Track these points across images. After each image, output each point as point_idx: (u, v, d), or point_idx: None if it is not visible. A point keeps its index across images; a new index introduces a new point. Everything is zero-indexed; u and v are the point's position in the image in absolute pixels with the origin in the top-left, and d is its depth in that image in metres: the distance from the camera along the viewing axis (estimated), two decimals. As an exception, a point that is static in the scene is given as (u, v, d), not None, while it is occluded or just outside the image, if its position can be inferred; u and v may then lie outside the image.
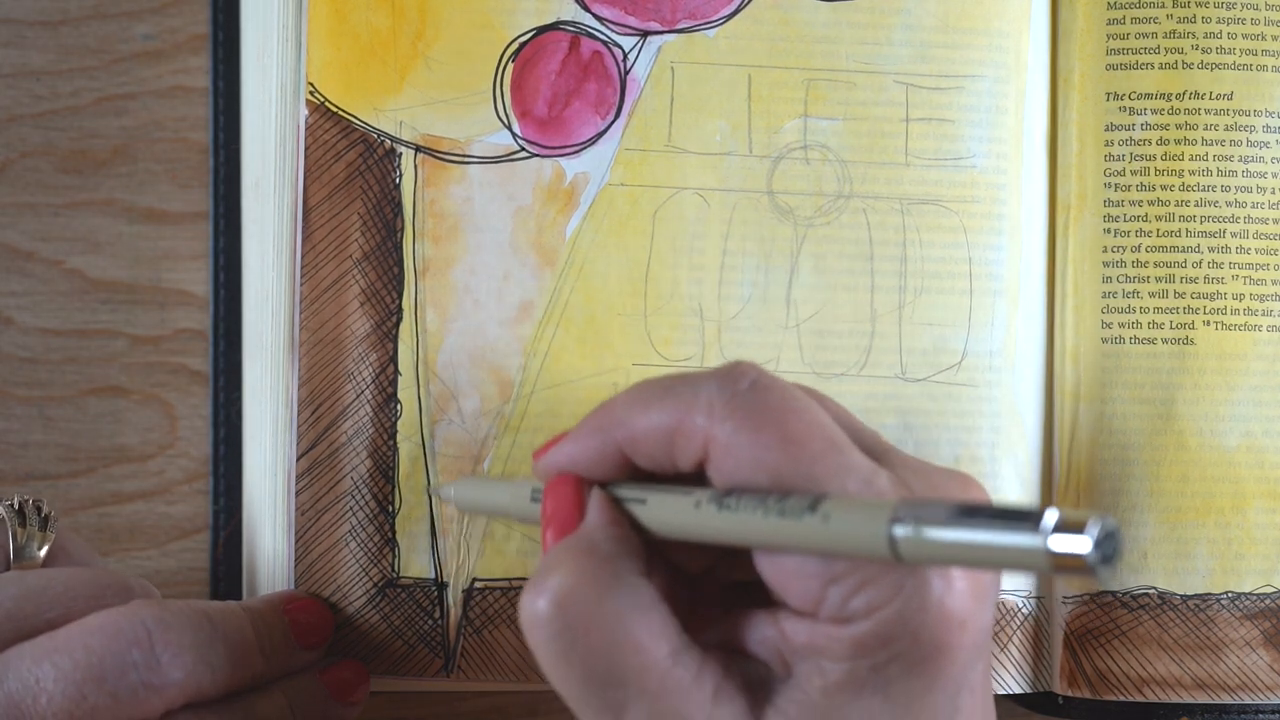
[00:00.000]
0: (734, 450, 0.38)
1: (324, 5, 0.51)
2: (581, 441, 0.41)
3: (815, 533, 0.36)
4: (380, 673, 0.51)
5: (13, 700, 0.40)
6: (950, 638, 0.37)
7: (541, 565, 0.40)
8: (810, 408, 0.39)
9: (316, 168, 0.51)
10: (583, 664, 0.38)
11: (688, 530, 0.40)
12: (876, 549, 0.35)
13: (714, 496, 0.38)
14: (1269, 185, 0.53)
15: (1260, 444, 0.53)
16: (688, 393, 0.39)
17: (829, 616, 0.37)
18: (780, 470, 0.38)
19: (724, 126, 0.52)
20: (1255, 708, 0.53)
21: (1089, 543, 0.31)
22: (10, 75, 0.55)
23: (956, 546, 0.33)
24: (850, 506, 0.36)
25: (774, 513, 0.37)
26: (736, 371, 0.39)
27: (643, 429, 0.40)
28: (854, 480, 0.37)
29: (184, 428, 0.55)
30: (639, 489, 0.41)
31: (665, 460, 0.40)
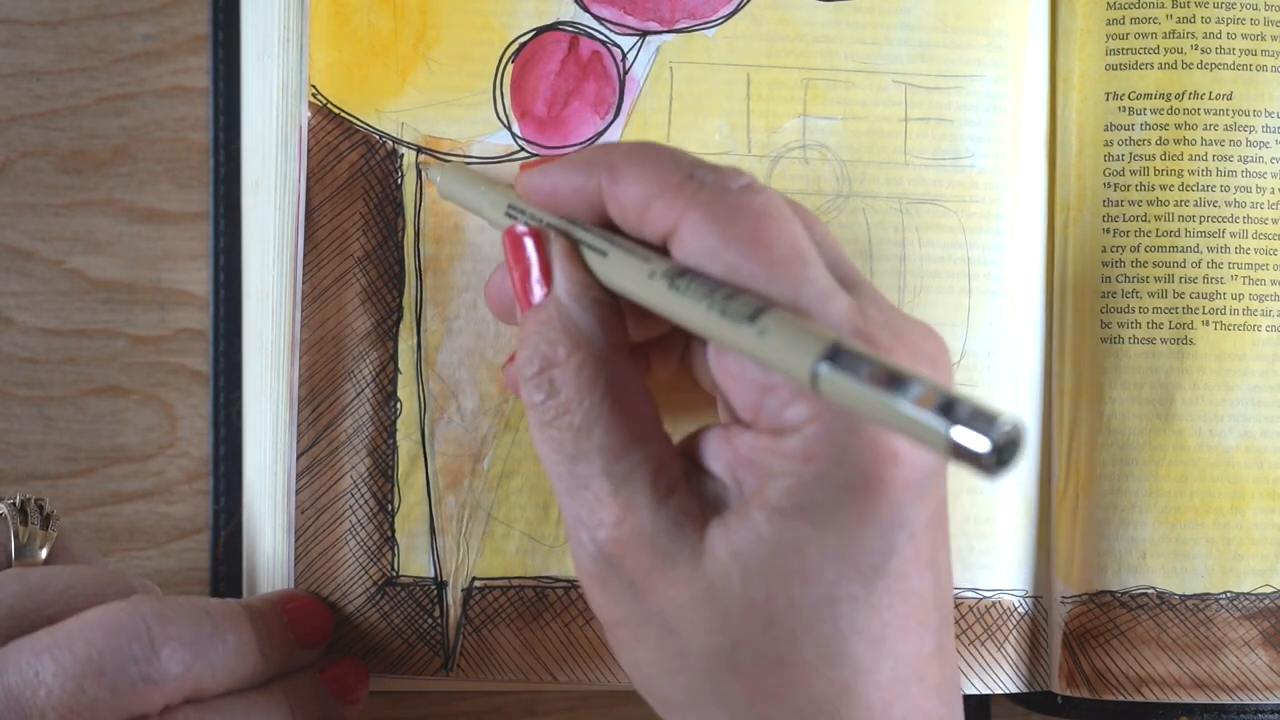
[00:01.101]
0: (701, 235, 0.38)
1: (325, 6, 0.51)
2: (568, 172, 0.42)
3: (749, 342, 0.36)
4: (379, 672, 0.51)
5: (12, 694, 0.40)
6: (881, 469, 0.37)
7: (522, 336, 0.41)
8: (787, 218, 0.39)
9: (319, 169, 0.51)
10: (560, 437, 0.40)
11: (637, 296, 0.40)
12: (800, 377, 0.35)
13: (668, 272, 0.39)
14: (1268, 185, 0.53)
15: (1259, 444, 0.53)
16: (683, 168, 0.40)
17: (766, 426, 0.38)
18: (738, 267, 0.38)
19: (723, 126, 0.52)
20: (1254, 708, 0.53)
21: (987, 444, 0.31)
22: (10, 75, 0.55)
23: (870, 402, 0.34)
24: (787, 327, 0.36)
25: (716, 310, 0.37)
26: (736, 171, 0.40)
27: (628, 183, 0.40)
28: (809, 294, 0.38)
29: (184, 428, 0.55)
30: (602, 238, 0.41)
31: (634, 221, 0.40)
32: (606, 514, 0.39)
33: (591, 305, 0.41)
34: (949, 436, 0.32)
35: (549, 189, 0.42)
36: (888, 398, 0.33)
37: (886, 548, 0.38)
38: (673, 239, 0.39)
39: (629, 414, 0.40)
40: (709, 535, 0.39)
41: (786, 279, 0.38)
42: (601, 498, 0.39)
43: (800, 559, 0.38)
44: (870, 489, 0.37)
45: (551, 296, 0.41)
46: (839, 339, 0.35)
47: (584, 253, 0.41)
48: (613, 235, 0.41)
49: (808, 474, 0.37)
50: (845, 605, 0.38)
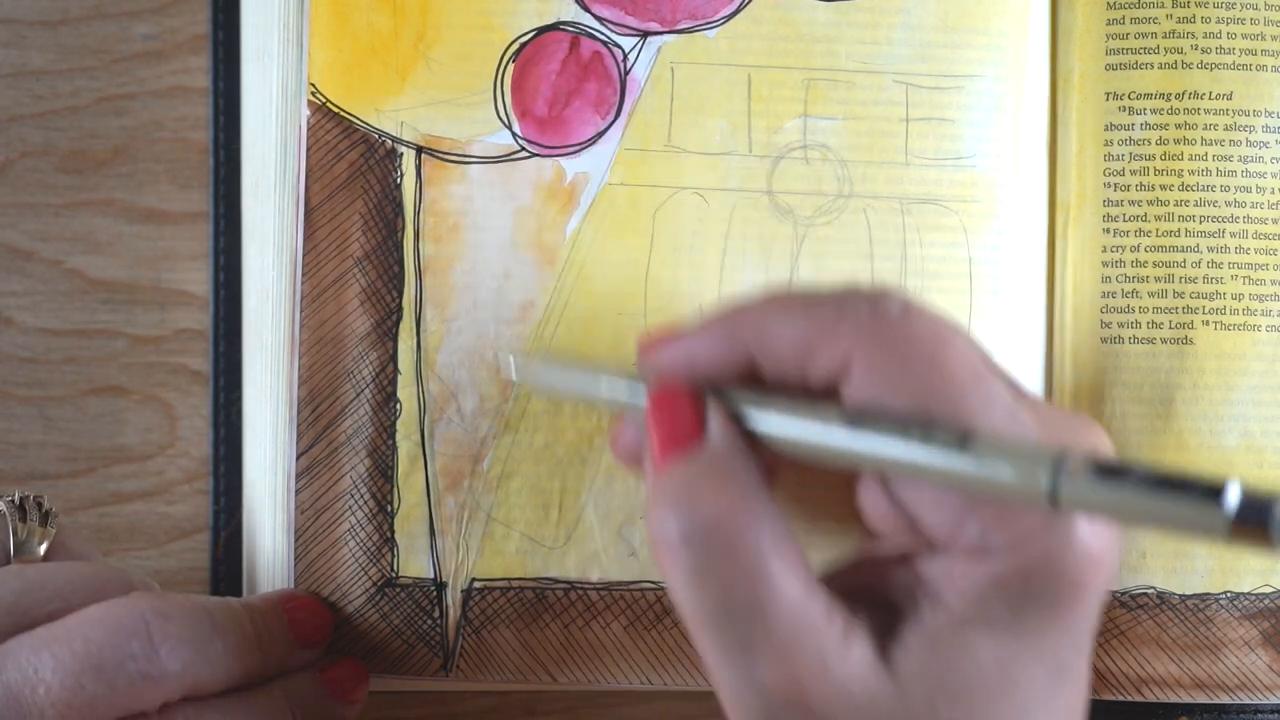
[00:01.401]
0: (880, 371, 0.37)
1: (325, 6, 0.51)
2: (707, 339, 0.40)
3: (964, 470, 0.35)
4: (379, 672, 0.51)
5: (11, 691, 0.40)
6: (1088, 576, 0.37)
7: (672, 485, 0.39)
8: (959, 339, 0.38)
9: (318, 168, 0.51)
10: (714, 595, 0.37)
11: (812, 449, 0.38)
12: (1034, 496, 0.34)
13: (848, 416, 0.37)
14: (1268, 185, 0.53)
15: (1259, 444, 0.53)
16: (833, 306, 0.38)
17: (965, 549, 0.37)
18: (924, 397, 0.37)
19: (724, 126, 0.52)
20: (1254, 708, 0.53)
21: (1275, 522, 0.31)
22: (10, 75, 0.55)
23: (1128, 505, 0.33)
24: (1005, 448, 0.35)
25: (917, 441, 0.36)
26: (888, 295, 0.39)
27: (781, 336, 0.39)
28: (999, 414, 0.37)
29: (184, 428, 0.55)
30: (760, 398, 0.40)
31: (795, 372, 0.39)
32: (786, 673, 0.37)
33: (746, 460, 0.39)
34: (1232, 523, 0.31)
35: (686, 361, 0.41)
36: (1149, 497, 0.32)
37: (1079, 646, 0.38)
38: (844, 382, 0.38)
39: (787, 566, 0.38)
40: (897, 665, 0.37)
41: (974, 403, 0.37)
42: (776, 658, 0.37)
43: (1001, 671, 0.37)
44: (1076, 596, 0.37)
45: (705, 449, 0.39)
46: (1066, 449, 0.34)
47: (742, 411, 0.40)
48: (763, 393, 0.40)
49: (1016, 590, 0.37)
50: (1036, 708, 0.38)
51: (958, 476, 0.36)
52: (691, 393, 0.40)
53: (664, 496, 0.39)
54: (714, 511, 0.38)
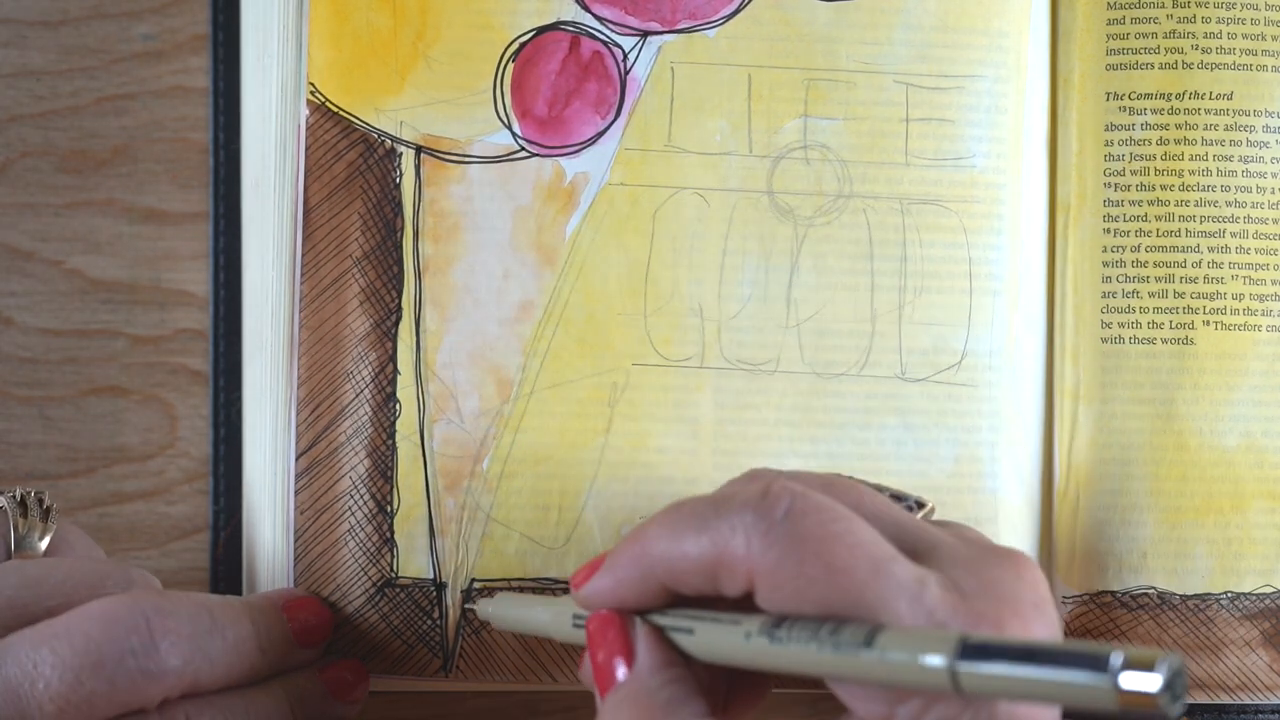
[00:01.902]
0: (779, 582, 0.38)
1: (325, 5, 0.51)
2: (620, 574, 0.41)
3: (873, 667, 0.36)
4: (379, 672, 0.51)
5: (11, 686, 0.40)
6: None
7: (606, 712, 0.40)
8: (850, 526, 0.38)
9: (317, 167, 0.51)
10: None
11: (738, 660, 0.39)
12: (939, 684, 0.34)
13: (764, 628, 0.38)
14: (1269, 185, 0.53)
15: (1260, 444, 0.53)
16: (725, 525, 0.39)
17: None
18: (829, 600, 0.37)
19: (724, 126, 0.52)
20: (1255, 708, 0.53)
21: (1159, 681, 0.31)
22: (10, 75, 0.55)
23: (1020, 683, 0.33)
24: (907, 641, 0.35)
25: (828, 646, 0.36)
26: (770, 498, 0.39)
27: (682, 563, 0.40)
28: (903, 600, 0.37)
29: (184, 428, 0.55)
30: (685, 617, 0.41)
31: (709, 589, 0.40)
32: None
33: (671, 681, 0.40)
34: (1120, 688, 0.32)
35: (610, 592, 0.42)
36: (1038, 672, 0.33)
37: None
38: (755, 595, 0.39)
39: None
40: None
41: (875, 595, 0.37)
42: None
43: None
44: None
45: (633, 674, 0.41)
46: (963, 635, 0.35)
47: (670, 635, 0.41)
48: (691, 610, 0.41)
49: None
50: None
51: (869, 675, 0.36)
52: (619, 623, 0.42)
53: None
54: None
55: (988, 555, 0.40)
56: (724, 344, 0.52)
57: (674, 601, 0.41)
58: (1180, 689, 0.32)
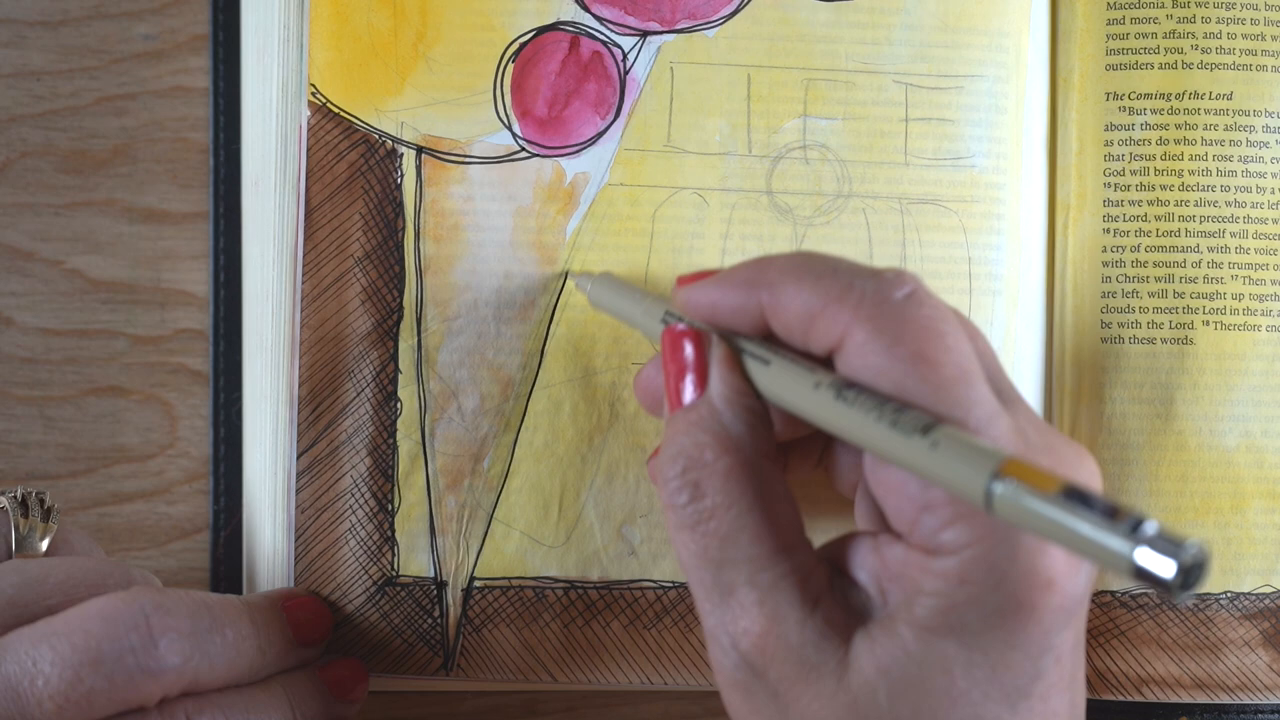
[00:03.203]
0: (870, 350, 0.38)
1: (325, 6, 0.51)
2: (728, 290, 0.42)
3: (920, 456, 0.36)
4: (379, 671, 0.51)
5: (10, 683, 0.40)
6: (1034, 597, 0.37)
7: (671, 436, 0.41)
8: (955, 334, 0.39)
9: (318, 168, 0.51)
10: (704, 542, 0.39)
11: (800, 407, 0.40)
12: (972, 494, 0.35)
13: (835, 384, 0.39)
14: (1269, 185, 0.53)
15: (1259, 444, 0.53)
16: (843, 281, 0.39)
17: (920, 544, 0.38)
18: (906, 384, 0.38)
19: (723, 126, 0.52)
20: (1254, 708, 0.53)
21: (1173, 567, 0.31)
22: (10, 75, 0.55)
23: (1048, 522, 0.33)
24: (960, 444, 0.36)
25: (886, 421, 0.37)
26: (897, 278, 0.39)
27: (789, 300, 0.40)
28: (976, 414, 0.37)
29: (184, 428, 0.55)
30: (766, 348, 0.41)
31: (799, 336, 0.40)
32: (752, 623, 0.39)
33: (744, 412, 0.40)
34: (1133, 560, 0.32)
35: (709, 305, 0.42)
36: (1068, 517, 0.33)
37: (1034, 672, 0.38)
38: (838, 354, 0.39)
39: (776, 522, 0.39)
40: (854, 648, 0.38)
41: (953, 398, 0.37)
42: (747, 606, 0.39)
43: (947, 679, 0.38)
44: (1023, 615, 0.37)
45: (705, 398, 0.41)
46: (1014, 456, 0.35)
47: (745, 361, 0.41)
48: (775, 346, 0.41)
49: (960, 596, 0.37)
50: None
51: (914, 461, 0.36)
52: (700, 339, 0.42)
53: (666, 444, 0.41)
54: (705, 463, 0.40)
55: (1057, 434, 0.40)
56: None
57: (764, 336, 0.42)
58: (1195, 579, 0.31)
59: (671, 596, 0.52)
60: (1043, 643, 0.38)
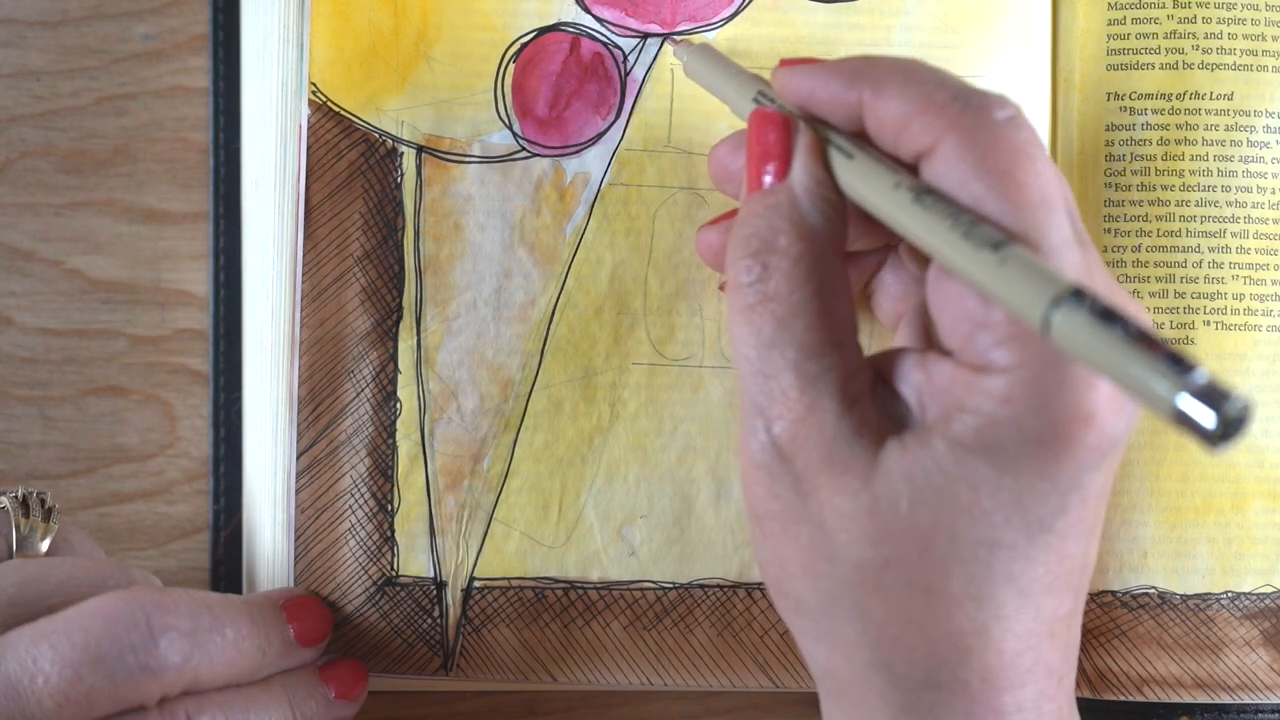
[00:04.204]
0: (958, 159, 0.39)
1: (326, 5, 0.51)
2: (830, 79, 0.42)
3: (986, 269, 0.36)
4: (379, 671, 0.51)
5: (10, 681, 0.40)
6: (1074, 429, 0.37)
7: (745, 214, 0.41)
8: (1045, 163, 0.39)
9: (318, 167, 0.51)
10: (760, 323, 0.40)
11: (877, 205, 0.40)
12: (1031, 317, 0.35)
13: (915, 187, 0.39)
14: (1269, 185, 0.53)
15: (1260, 444, 0.53)
16: (949, 91, 0.40)
17: (970, 360, 0.38)
18: (986, 200, 0.38)
19: (723, 127, 0.52)
20: (1255, 707, 0.53)
21: (1214, 418, 0.31)
22: (10, 75, 0.55)
23: (1100, 352, 0.33)
24: (1030, 263, 0.36)
25: (960, 232, 0.37)
26: (1003, 101, 0.40)
27: (889, 98, 0.40)
28: (1050, 240, 0.38)
29: (184, 428, 0.55)
30: (851, 143, 0.41)
31: (890, 136, 0.40)
32: (790, 408, 0.39)
33: (822, 203, 0.41)
34: (1174, 404, 0.32)
35: (807, 91, 0.42)
36: (1123, 350, 0.33)
37: (1058, 505, 0.38)
38: (927, 160, 0.40)
39: (832, 316, 0.40)
40: (885, 452, 0.39)
41: (1032, 221, 0.38)
42: (788, 390, 0.39)
43: (973, 496, 0.38)
44: (1059, 446, 0.37)
45: (786, 183, 0.41)
46: (1080, 285, 0.35)
47: (829, 152, 0.41)
48: (862, 142, 0.41)
49: (1002, 415, 0.37)
50: (1004, 551, 0.38)
51: (979, 274, 0.37)
52: (789, 125, 0.42)
53: (740, 224, 0.41)
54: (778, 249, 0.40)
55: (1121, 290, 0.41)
56: (724, 343, 0.52)
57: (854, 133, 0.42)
58: (1235, 432, 0.32)
59: (671, 597, 0.52)
60: (1073, 478, 0.38)
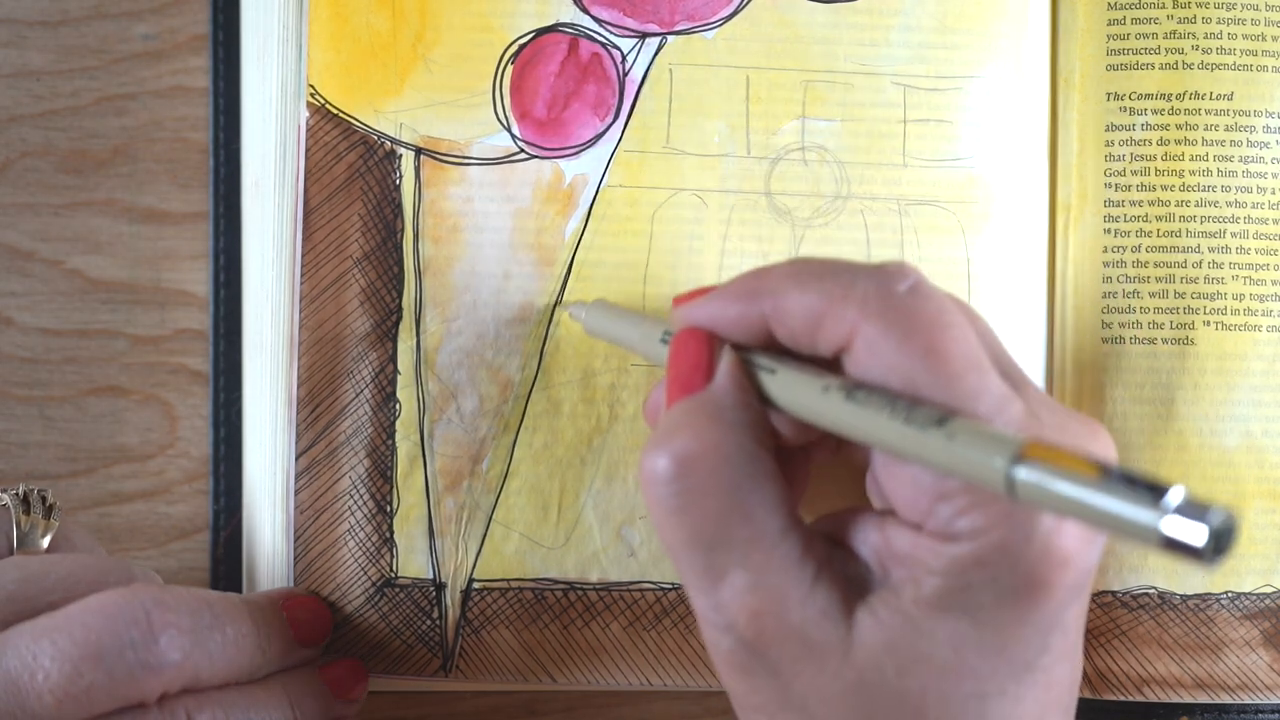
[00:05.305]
0: (878, 348, 0.38)
1: (324, 7, 0.51)
2: (728, 301, 0.42)
3: (937, 448, 0.36)
4: (378, 672, 0.52)
5: (10, 678, 0.40)
6: (1050, 575, 0.37)
7: (666, 421, 0.40)
8: (960, 324, 0.39)
9: (317, 169, 0.51)
10: (694, 526, 0.39)
11: (810, 412, 0.40)
12: (993, 482, 0.35)
13: (844, 386, 0.39)
14: (1269, 185, 0.53)
15: (1260, 444, 0.53)
16: (845, 280, 0.39)
17: (934, 531, 0.38)
18: (917, 379, 0.38)
19: (722, 128, 0.52)
20: (1255, 708, 0.53)
21: (1205, 533, 0.31)
22: (10, 75, 0.55)
23: (1072, 501, 0.33)
24: (977, 433, 0.36)
25: (900, 418, 0.37)
26: (899, 272, 0.40)
27: (791, 305, 0.40)
28: (987, 403, 0.38)
29: (184, 428, 0.55)
30: (771, 358, 0.41)
31: (805, 340, 0.40)
32: (749, 606, 0.39)
33: (742, 402, 0.40)
34: (1160, 530, 0.31)
35: (708, 319, 0.42)
36: (1093, 493, 0.33)
37: (1041, 645, 0.38)
38: (847, 354, 0.39)
39: (768, 504, 0.39)
40: (858, 624, 0.38)
41: (965, 388, 0.38)
42: (741, 590, 0.39)
43: (956, 656, 0.38)
44: (1036, 593, 0.37)
45: (708, 387, 0.41)
46: (1033, 439, 0.35)
47: (753, 369, 0.41)
48: (779, 355, 0.41)
49: (975, 579, 0.37)
50: (994, 699, 0.38)
51: (931, 455, 0.36)
52: (707, 339, 0.42)
53: (658, 431, 0.40)
54: (698, 444, 0.39)
55: (1068, 411, 0.40)
56: (723, 345, 0.52)
57: (766, 346, 0.42)
58: (1226, 543, 0.31)
59: (671, 598, 0.52)
60: (1054, 618, 0.38)
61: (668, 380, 0.42)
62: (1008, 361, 0.41)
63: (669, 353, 0.42)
